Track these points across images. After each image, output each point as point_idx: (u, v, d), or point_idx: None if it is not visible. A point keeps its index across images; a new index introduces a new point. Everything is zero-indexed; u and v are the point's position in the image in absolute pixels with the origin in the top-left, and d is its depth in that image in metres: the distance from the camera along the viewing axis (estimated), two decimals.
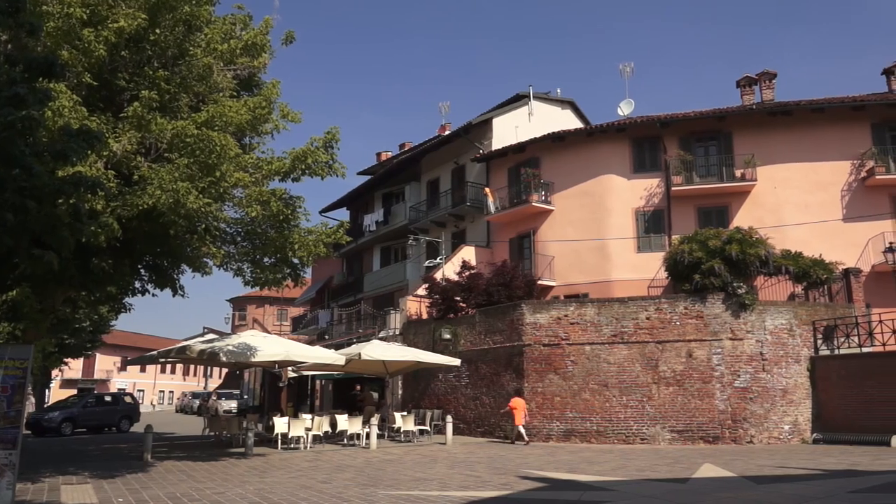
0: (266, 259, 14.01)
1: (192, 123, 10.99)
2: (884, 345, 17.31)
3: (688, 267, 18.83)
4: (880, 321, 17.59)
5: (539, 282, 24.07)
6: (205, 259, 13.47)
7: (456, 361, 19.87)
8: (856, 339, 17.99)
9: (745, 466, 12.22)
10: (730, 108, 25.45)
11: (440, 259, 26.10)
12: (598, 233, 24.69)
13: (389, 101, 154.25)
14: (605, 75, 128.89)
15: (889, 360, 16.46)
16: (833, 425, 17.19)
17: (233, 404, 38.56)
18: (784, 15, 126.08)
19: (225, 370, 54.94)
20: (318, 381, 31.59)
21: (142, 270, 14.62)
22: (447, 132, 32.82)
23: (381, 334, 24.61)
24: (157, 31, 11.37)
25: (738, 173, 23.78)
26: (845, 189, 23.22)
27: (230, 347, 16.18)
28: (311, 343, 28.91)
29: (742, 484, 10.13)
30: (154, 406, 68.99)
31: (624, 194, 24.85)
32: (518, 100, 30.81)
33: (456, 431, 19.27)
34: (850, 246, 22.20)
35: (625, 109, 27.35)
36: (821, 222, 22.68)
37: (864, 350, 17.65)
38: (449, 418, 18.58)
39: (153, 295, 14.94)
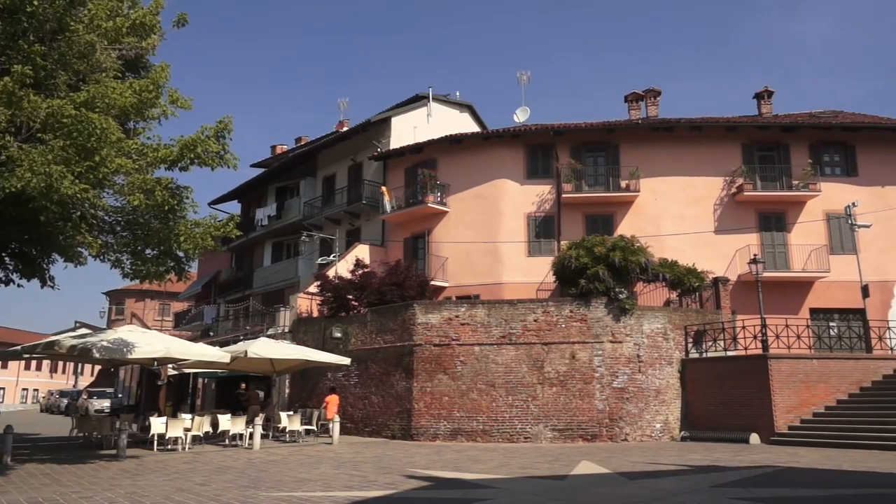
0: (148, 251, 13.27)
1: (69, 103, 10.25)
2: (745, 349, 18.73)
3: (574, 272, 19.59)
4: (743, 327, 19.03)
5: (432, 282, 24.28)
6: (79, 248, 12.61)
7: (346, 360, 19.70)
8: (722, 343, 19.37)
9: (620, 463, 12.85)
10: (618, 121, 26.73)
11: (334, 256, 25.79)
12: (491, 236, 25.24)
13: (287, 94, 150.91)
14: (503, 82, 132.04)
15: (749, 363, 17.80)
16: (699, 424, 18.41)
17: (105, 403, 36.28)
18: (669, 38, 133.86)
19: (98, 367, 51.74)
20: (200, 380, 30.40)
21: (6, 258, 13.49)
22: (345, 128, 32.51)
23: (270, 332, 24.00)
24: (35, 2, 10.54)
25: (623, 184, 25.00)
26: (717, 203, 24.94)
27: (105, 343, 15.22)
28: (194, 340, 27.77)
29: (616, 480, 10.65)
30: (17, 405, 63.93)
31: (517, 199, 25.53)
32: (417, 100, 30.96)
33: (343, 431, 19.12)
34: (720, 256, 23.90)
35: (520, 116, 28.11)
36: (695, 233, 24.25)
37: (729, 353, 19.02)
38: (336, 418, 18.38)
39: (18, 285, 13.79)
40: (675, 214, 24.70)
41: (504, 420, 18.47)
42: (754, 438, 16.72)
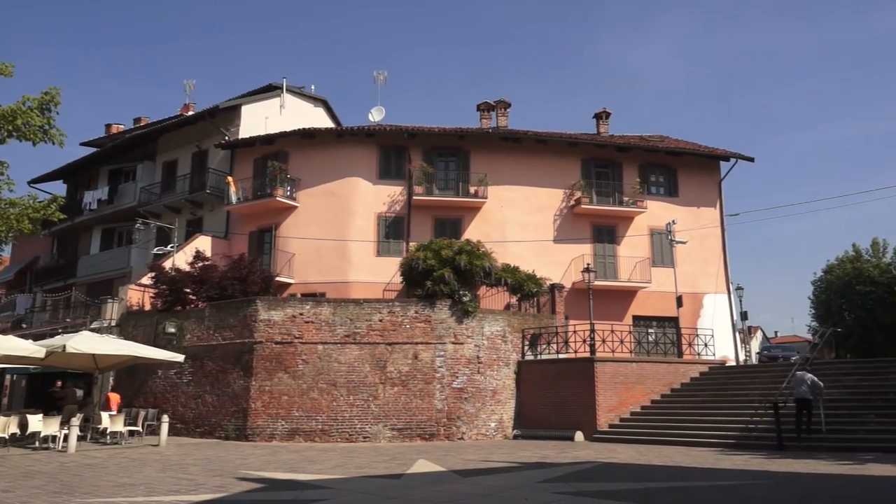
0: None
1: None
2: (575, 352, 20.01)
3: (421, 273, 19.91)
4: (574, 331, 20.32)
5: (277, 278, 23.66)
6: None
7: (179, 357, 18.62)
8: (555, 346, 20.54)
9: (455, 461, 13.23)
10: (470, 128, 27.53)
11: (172, 247, 24.33)
12: (341, 234, 25.02)
13: (127, 70, 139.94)
14: (360, 80, 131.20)
15: (578, 365, 19.02)
16: (531, 422, 19.39)
17: None
18: (519, 53, 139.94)
19: None
20: (8, 376, 27.40)
21: None
22: (191, 112, 30.82)
23: (95, 325, 22.17)
24: None
25: (472, 190, 25.79)
26: (557, 214, 26.43)
27: None
28: (3, 332, 24.99)
29: (450, 477, 10.96)
30: None
31: (369, 198, 25.52)
32: (270, 90, 30.06)
33: (173, 432, 18.09)
34: (558, 264, 25.34)
35: (375, 116, 28.14)
36: (536, 241, 25.53)
37: (561, 356, 20.21)
38: (165, 418, 17.33)
39: None
40: (519, 222, 25.86)
41: (344, 419, 18.37)
42: (579, 436, 17.89)
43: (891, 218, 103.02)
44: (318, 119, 31.02)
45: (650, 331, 24.93)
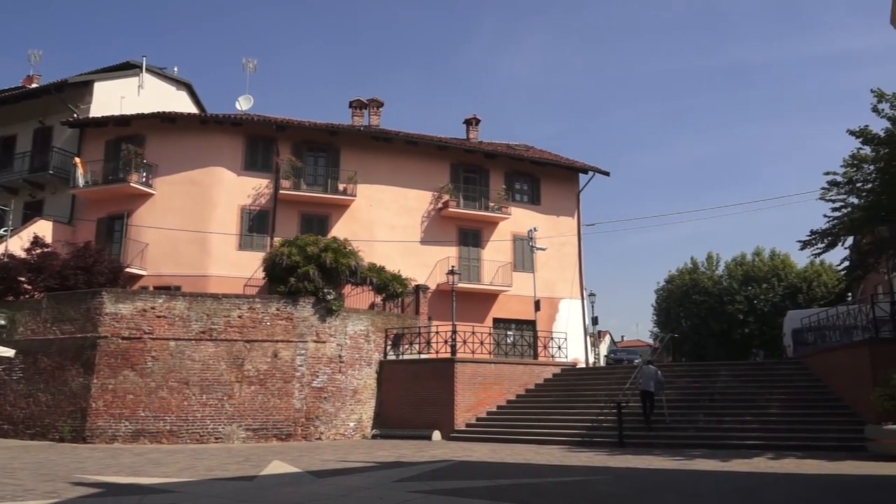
0: None
1: None
2: (437, 352, 20.36)
3: (285, 269, 19.45)
4: (437, 332, 20.68)
5: (127, 269, 22.22)
6: None
7: (9, 352, 17.03)
8: (417, 346, 20.78)
9: (311, 461, 13.03)
10: (342, 125, 27.23)
11: (5, 231, 22.14)
12: (201, 225, 23.89)
13: None
14: (228, 67, 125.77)
15: (439, 365, 19.38)
16: (390, 422, 19.49)
17: None
18: (393, 53, 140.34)
19: None
20: None
21: None
22: (35, 85, 28.22)
23: None
24: None
25: (341, 187, 25.53)
26: (425, 216, 26.77)
27: None
28: None
29: (305, 478, 10.78)
30: None
31: (232, 190, 24.57)
32: (129, 68, 28.15)
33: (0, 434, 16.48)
34: (424, 266, 25.67)
35: (243, 105, 27.13)
36: (403, 242, 25.71)
37: (423, 356, 20.49)
38: None
39: None
40: (387, 222, 25.93)
41: (195, 420, 17.55)
42: (436, 435, 18.21)
43: (724, 234, 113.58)
44: (180, 103, 29.44)
45: (509, 333, 25.89)
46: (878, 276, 27.39)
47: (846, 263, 23.23)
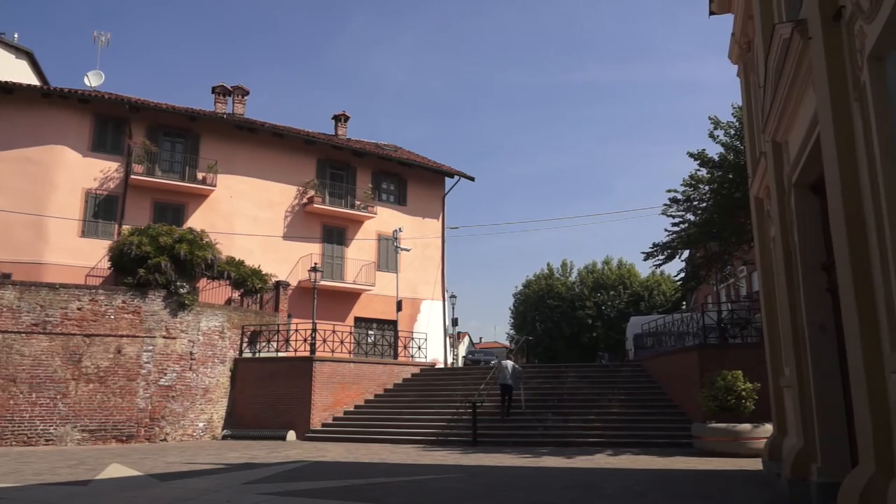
0: None
1: None
2: (296, 350, 19.93)
3: (134, 260, 18.26)
4: (296, 330, 20.25)
5: None
6: None
7: None
8: (275, 344, 20.24)
9: (154, 464, 12.33)
10: (203, 111, 25.95)
11: None
12: (37, 208, 21.85)
13: None
14: (78, 38, 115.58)
15: (297, 364, 18.99)
16: (243, 422, 18.83)
17: None
18: (261, 40, 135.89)
19: None
20: None
21: None
22: None
23: None
24: None
25: (200, 176, 24.34)
26: (289, 210, 26.14)
27: None
28: None
29: (147, 482, 10.18)
30: None
31: (76, 171, 22.69)
32: None
33: None
34: (285, 261, 25.05)
35: (93, 81, 25.13)
36: (265, 236, 24.95)
37: (280, 354, 19.98)
38: None
39: None
40: (249, 215, 25.04)
41: (23, 420, 16.03)
42: (291, 435, 17.83)
43: (579, 242, 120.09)
44: (20, 73, 26.74)
45: (370, 332, 25.87)
46: (708, 288, 30.10)
47: (682, 275, 25.31)
